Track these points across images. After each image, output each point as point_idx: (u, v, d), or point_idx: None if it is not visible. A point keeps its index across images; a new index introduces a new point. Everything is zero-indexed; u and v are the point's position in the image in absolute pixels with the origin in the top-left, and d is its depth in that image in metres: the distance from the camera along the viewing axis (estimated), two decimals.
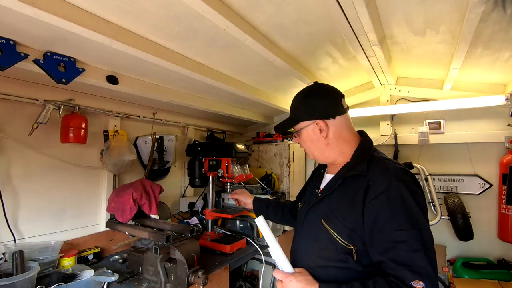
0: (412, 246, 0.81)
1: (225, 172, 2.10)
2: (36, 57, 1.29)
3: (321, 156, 1.07)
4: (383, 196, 0.86)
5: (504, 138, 2.20)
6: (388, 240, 0.83)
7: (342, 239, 0.92)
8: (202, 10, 1.12)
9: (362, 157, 0.99)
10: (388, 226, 0.84)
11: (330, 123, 1.03)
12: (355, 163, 0.99)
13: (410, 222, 0.83)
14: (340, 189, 0.98)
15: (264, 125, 3.34)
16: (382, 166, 0.94)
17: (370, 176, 0.92)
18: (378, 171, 0.93)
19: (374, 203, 0.87)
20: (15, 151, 1.55)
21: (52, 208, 1.71)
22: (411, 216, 0.84)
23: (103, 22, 1.17)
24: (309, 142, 1.07)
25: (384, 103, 2.66)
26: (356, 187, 0.93)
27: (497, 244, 2.27)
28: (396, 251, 0.82)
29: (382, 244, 0.85)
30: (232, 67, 1.89)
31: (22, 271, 1.28)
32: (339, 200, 0.97)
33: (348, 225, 0.91)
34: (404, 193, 0.86)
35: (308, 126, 1.05)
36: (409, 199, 0.85)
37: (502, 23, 1.35)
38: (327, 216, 0.97)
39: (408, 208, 0.84)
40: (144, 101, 2.07)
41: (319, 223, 0.99)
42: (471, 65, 1.95)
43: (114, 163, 1.85)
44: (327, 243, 0.96)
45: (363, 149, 1.03)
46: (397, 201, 0.85)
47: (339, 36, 1.67)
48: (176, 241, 1.45)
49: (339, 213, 0.94)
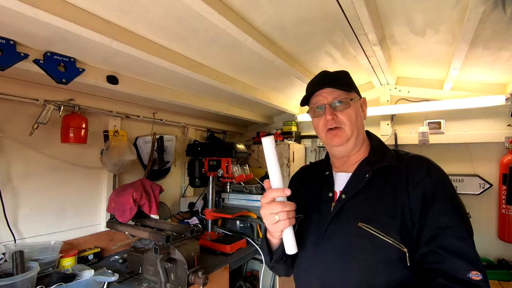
0: (459, 233, 0.72)
1: (225, 172, 2.10)
2: (36, 57, 1.29)
3: (357, 138, 0.92)
4: (426, 180, 0.79)
5: (504, 138, 2.20)
6: (434, 227, 0.74)
7: (393, 239, 0.75)
8: (202, 10, 1.12)
9: (384, 150, 0.93)
10: (431, 211, 0.75)
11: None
12: (379, 156, 0.90)
13: (453, 207, 0.76)
14: (369, 185, 0.85)
15: (264, 125, 3.34)
16: (413, 155, 0.89)
17: (404, 165, 0.84)
18: (412, 159, 0.86)
19: (418, 190, 0.78)
20: (15, 151, 1.55)
21: (52, 208, 1.71)
22: (455, 201, 0.78)
23: (103, 22, 1.17)
24: (355, 116, 0.90)
25: (384, 103, 2.66)
26: (391, 178, 0.84)
27: (497, 244, 2.27)
28: (443, 238, 0.72)
29: (427, 233, 0.74)
30: (232, 67, 1.89)
31: (22, 271, 1.28)
32: (375, 196, 0.83)
33: (397, 221, 0.77)
34: (445, 176, 0.82)
35: (358, 99, 0.95)
36: (449, 184, 0.81)
37: (502, 23, 1.35)
38: (364, 218, 0.80)
39: (451, 192, 0.79)
40: (144, 101, 2.07)
41: (353, 229, 0.81)
42: (471, 65, 1.94)
43: (114, 163, 1.85)
44: (371, 250, 0.77)
45: (380, 143, 0.97)
46: (439, 185, 0.79)
47: (339, 36, 1.67)
48: (176, 241, 1.45)
49: (381, 210, 0.80)
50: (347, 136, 0.89)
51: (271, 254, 0.91)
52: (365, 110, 0.97)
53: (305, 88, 1.00)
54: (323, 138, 0.94)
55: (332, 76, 0.94)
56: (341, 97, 0.89)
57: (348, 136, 0.89)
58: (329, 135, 0.91)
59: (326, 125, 0.91)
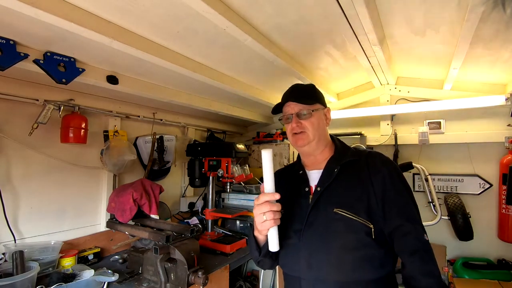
0: (414, 208, 0.98)
1: (225, 172, 2.10)
2: (36, 57, 1.29)
3: (319, 141, 1.10)
4: (385, 169, 1.01)
5: (504, 138, 2.20)
6: (400, 204, 0.96)
7: (363, 218, 0.95)
8: (202, 10, 1.12)
9: (346, 149, 1.13)
10: (396, 191, 0.98)
11: None
12: (343, 154, 1.09)
13: (408, 188, 1.01)
14: (339, 177, 1.03)
15: (264, 125, 3.34)
16: (369, 151, 1.12)
17: (365, 159, 1.05)
18: (371, 154, 1.08)
19: (379, 176, 0.99)
20: (15, 151, 1.55)
21: (52, 208, 1.71)
22: (407, 183, 1.03)
23: (103, 22, 1.17)
24: (317, 125, 1.09)
25: (384, 103, 2.66)
26: (356, 169, 1.03)
27: (497, 244, 2.27)
28: (409, 211, 0.96)
29: (395, 208, 0.96)
30: (232, 67, 1.89)
31: (22, 271, 1.28)
32: (344, 185, 1.01)
33: (364, 203, 0.96)
34: (396, 166, 1.06)
35: (322, 109, 1.13)
36: (400, 171, 1.05)
37: (502, 23, 1.35)
38: (339, 204, 0.98)
39: (403, 178, 1.03)
40: (144, 101, 2.07)
41: (330, 214, 0.98)
42: (471, 65, 1.95)
43: (114, 163, 1.85)
44: (346, 230, 0.95)
45: (342, 144, 1.16)
46: (395, 172, 1.02)
47: (339, 36, 1.67)
48: (176, 241, 1.45)
49: (351, 196, 0.99)
50: (308, 139, 1.07)
51: (259, 249, 1.04)
52: (328, 117, 1.16)
53: None
54: (291, 141, 1.14)
55: (300, 91, 1.14)
56: (305, 109, 1.08)
57: (310, 139, 1.07)
58: (294, 138, 1.10)
59: (292, 130, 1.10)
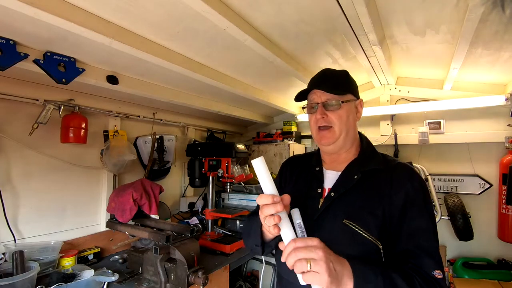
0: (431, 237, 0.84)
1: (225, 172, 2.10)
2: (36, 57, 1.29)
3: (346, 138, 0.96)
4: (409, 184, 0.88)
5: (504, 138, 2.20)
6: (413, 227, 0.84)
7: (373, 236, 0.84)
8: (202, 10, 1.12)
9: (373, 153, 0.98)
10: (413, 213, 0.85)
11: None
12: (368, 159, 0.96)
13: (429, 213, 0.87)
14: (358, 185, 0.91)
15: (264, 125, 3.34)
16: (399, 162, 0.97)
17: (391, 170, 0.92)
18: (398, 166, 0.94)
19: (402, 193, 0.87)
20: (15, 151, 1.55)
21: (52, 208, 1.71)
22: (430, 207, 0.88)
23: (103, 22, 1.17)
24: (346, 117, 0.95)
25: (384, 103, 2.66)
26: (378, 181, 0.91)
27: (497, 244, 2.27)
28: (420, 239, 0.83)
29: (407, 230, 0.84)
30: (232, 67, 1.89)
31: (22, 271, 1.28)
32: (361, 196, 0.90)
33: (379, 220, 0.85)
34: (423, 185, 0.91)
35: (354, 100, 0.98)
36: (427, 190, 0.90)
37: (502, 23, 1.35)
38: (350, 215, 0.87)
39: (428, 199, 0.88)
40: (144, 101, 2.07)
41: (338, 224, 0.87)
42: (471, 65, 1.94)
43: (114, 163, 1.85)
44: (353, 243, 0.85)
45: (370, 146, 1.02)
46: (420, 191, 0.88)
47: (339, 36, 1.67)
48: (176, 241, 1.45)
49: (365, 209, 0.87)
50: (335, 136, 0.94)
51: (263, 245, 0.93)
52: (360, 111, 1.00)
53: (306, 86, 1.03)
54: (314, 136, 1.00)
55: (329, 77, 0.98)
56: (333, 99, 0.94)
57: (336, 136, 0.94)
58: (319, 135, 0.97)
59: (316, 122, 0.96)
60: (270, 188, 0.77)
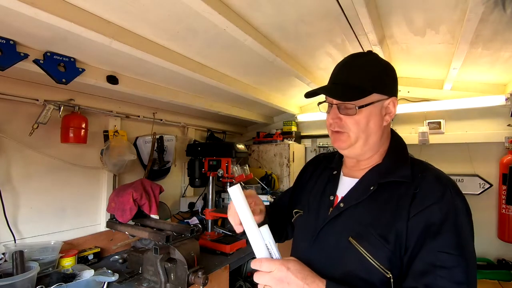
0: (454, 277, 0.63)
1: (225, 172, 2.10)
2: (36, 57, 1.29)
3: (365, 145, 0.80)
4: (435, 207, 0.69)
5: (504, 138, 2.20)
6: (427, 262, 0.66)
7: (380, 263, 0.69)
8: (202, 10, 1.12)
9: (401, 160, 0.80)
10: (431, 245, 0.66)
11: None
12: (391, 166, 0.79)
13: (458, 245, 0.66)
14: (371, 198, 0.76)
15: (264, 125, 3.35)
16: (433, 173, 0.76)
17: (416, 183, 0.73)
18: (428, 179, 0.74)
19: (421, 217, 0.69)
20: (15, 151, 1.55)
21: (52, 208, 1.71)
22: (462, 239, 0.67)
23: (103, 22, 1.17)
24: (365, 123, 0.77)
25: None
26: (396, 197, 0.73)
27: (497, 244, 2.27)
28: (434, 278, 0.64)
29: (418, 266, 0.67)
30: (232, 67, 1.89)
31: (22, 271, 1.28)
32: (373, 212, 0.75)
33: (390, 246, 0.69)
34: (460, 209, 0.69)
35: (380, 101, 0.78)
36: (463, 217, 0.69)
37: (502, 23, 1.35)
38: (357, 233, 0.74)
39: (460, 228, 0.67)
40: (144, 101, 2.07)
41: (344, 241, 0.75)
42: (471, 65, 1.94)
43: (114, 163, 1.85)
44: (357, 267, 0.72)
45: (399, 149, 0.84)
46: (450, 217, 0.68)
47: (339, 36, 1.67)
48: (176, 241, 1.45)
49: (375, 229, 0.72)
50: (350, 142, 0.79)
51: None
52: (392, 111, 0.80)
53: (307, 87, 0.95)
54: (330, 137, 0.87)
55: (346, 74, 0.80)
56: (348, 103, 0.77)
57: (352, 142, 0.79)
58: (332, 137, 0.84)
59: (329, 126, 0.83)
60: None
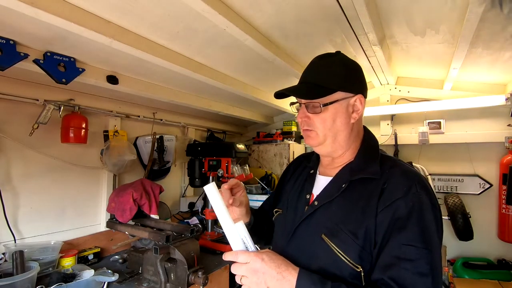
0: (418, 268, 0.66)
1: (225, 172, 2.10)
2: (36, 57, 1.29)
3: (334, 143, 0.83)
4: (401, 201, 0.71)
5: (504, 138, 2.20)
6: (392, 255, 0.68)
7: (350, 259, 0.72)
8: (202, 10, 1.12)
9: (371, 157, 0.83)
10: (396, 238, 0.69)
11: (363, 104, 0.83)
12: (362, 164, 0.82)
13: (423, 238, 0.68)
14: (343, 196, 0.79)
15: (264, 125, 3.34)
16: (400, 168, 0.79)
17: (384, 179, 0.76)
18: (395, 174, 0.77)
19: (388, 211, 0.71)
20: (15, 151, 1.55)
21: (52, 208, 1.71)
22: (426, 232, 0.69)
23: (103, 22, 1.17)
24: (331, 121, 0.80)
25: (384, 103, 2.66)
26: (366, 193, 0.76)
27: (497, 244, 2.27)
28: (399, 270, 0.66)
29: (384, 259, 0.69)
30: (232, 67, 1.89)
31: (22, 271, 1.28)
32: (344, 209, 0.78)
33: (359, 241, 0.72)
34: (425, 203, 0.71)
35: (345, 99, 0.81)
36: (428, 211, 0.71)
37: (502, 23, 1.35)
38: (329, 230, 0.77)
39: (425, 222, 0.70)
40: (144, 101, 2.07)
41: (317, 238, 0.78)
42: (471, 65, 1.94)
43: (114, 163, 1.85)
44: (329, 263, 0.75)
45: (370, 146, 0.87)
46: (415, 211, 0.70)
47: (339, 36, 1.67)
48: (176, 241, 1.45)
49: (346, 226, 0.75)
50: (318, 139, 0.83)
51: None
52: (359, 108, 0.83)
53: None
54: (303, 135, 0.90)
55: (311, 74, 0.85)
56: (314, 101, 0.80)
57: (320, 139, 0.83)
58: (304, 135, 0.87)
59: (300, 124, 0.87)
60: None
